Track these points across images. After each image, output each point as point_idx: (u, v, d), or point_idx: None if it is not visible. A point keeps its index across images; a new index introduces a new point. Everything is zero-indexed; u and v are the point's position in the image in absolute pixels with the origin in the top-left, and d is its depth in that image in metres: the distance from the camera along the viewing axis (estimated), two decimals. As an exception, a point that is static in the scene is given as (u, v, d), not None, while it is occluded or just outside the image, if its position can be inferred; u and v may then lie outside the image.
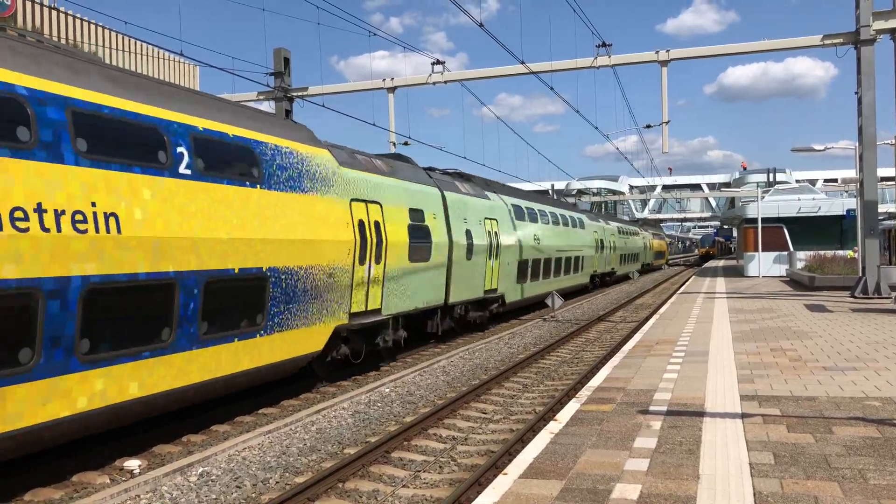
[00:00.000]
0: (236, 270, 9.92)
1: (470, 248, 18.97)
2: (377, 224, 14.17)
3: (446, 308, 18.16)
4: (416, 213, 16.06)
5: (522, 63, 22.61)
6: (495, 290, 21.29)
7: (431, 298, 16.97)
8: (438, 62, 25.18)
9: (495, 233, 21.09)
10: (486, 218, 20.56)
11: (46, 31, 27.73)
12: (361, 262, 13.37)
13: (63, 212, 7.47)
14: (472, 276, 19.28)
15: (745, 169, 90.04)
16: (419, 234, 16.08)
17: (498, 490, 5.87)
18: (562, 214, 30.96)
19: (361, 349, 14.11)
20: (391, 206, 14.95)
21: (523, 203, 25.56)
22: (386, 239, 14.42)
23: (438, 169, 20.56)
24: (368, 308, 13.88)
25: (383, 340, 14.81)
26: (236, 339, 10.12)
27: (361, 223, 13.47)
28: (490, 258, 20.47)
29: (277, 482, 8.07)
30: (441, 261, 17.25)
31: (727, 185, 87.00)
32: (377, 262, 14.05)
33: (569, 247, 30.66)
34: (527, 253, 24.14)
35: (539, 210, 27.15)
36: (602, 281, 41.95)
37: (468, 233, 19.00)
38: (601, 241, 39.06)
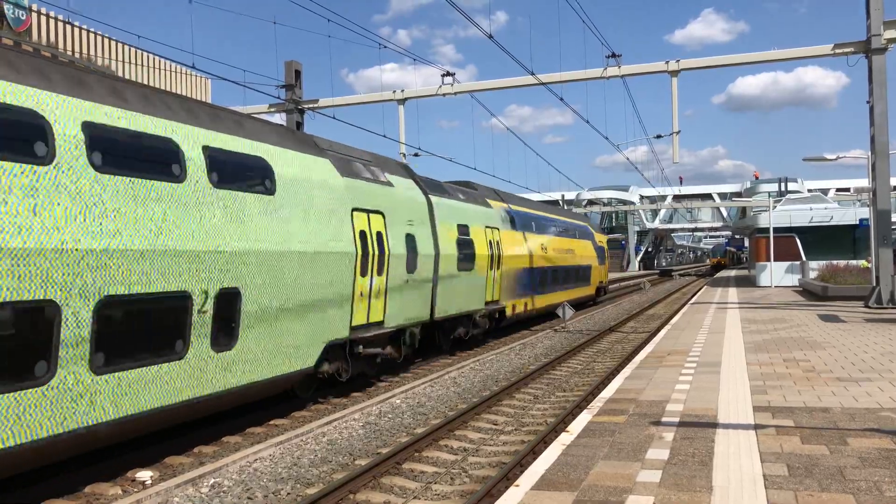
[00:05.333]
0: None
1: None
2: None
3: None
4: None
5: (532, 74, 22.66)
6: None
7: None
8: (448, 74, 25.31)
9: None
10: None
11: (60, 45, 28.04)
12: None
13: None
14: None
15: (757, 178, 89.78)
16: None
17: (510, 502, 5.85)
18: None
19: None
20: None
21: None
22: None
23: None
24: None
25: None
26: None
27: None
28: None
29: (289, 493, 8.07)
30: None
31: (738, 194, 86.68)
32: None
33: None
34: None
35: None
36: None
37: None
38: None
